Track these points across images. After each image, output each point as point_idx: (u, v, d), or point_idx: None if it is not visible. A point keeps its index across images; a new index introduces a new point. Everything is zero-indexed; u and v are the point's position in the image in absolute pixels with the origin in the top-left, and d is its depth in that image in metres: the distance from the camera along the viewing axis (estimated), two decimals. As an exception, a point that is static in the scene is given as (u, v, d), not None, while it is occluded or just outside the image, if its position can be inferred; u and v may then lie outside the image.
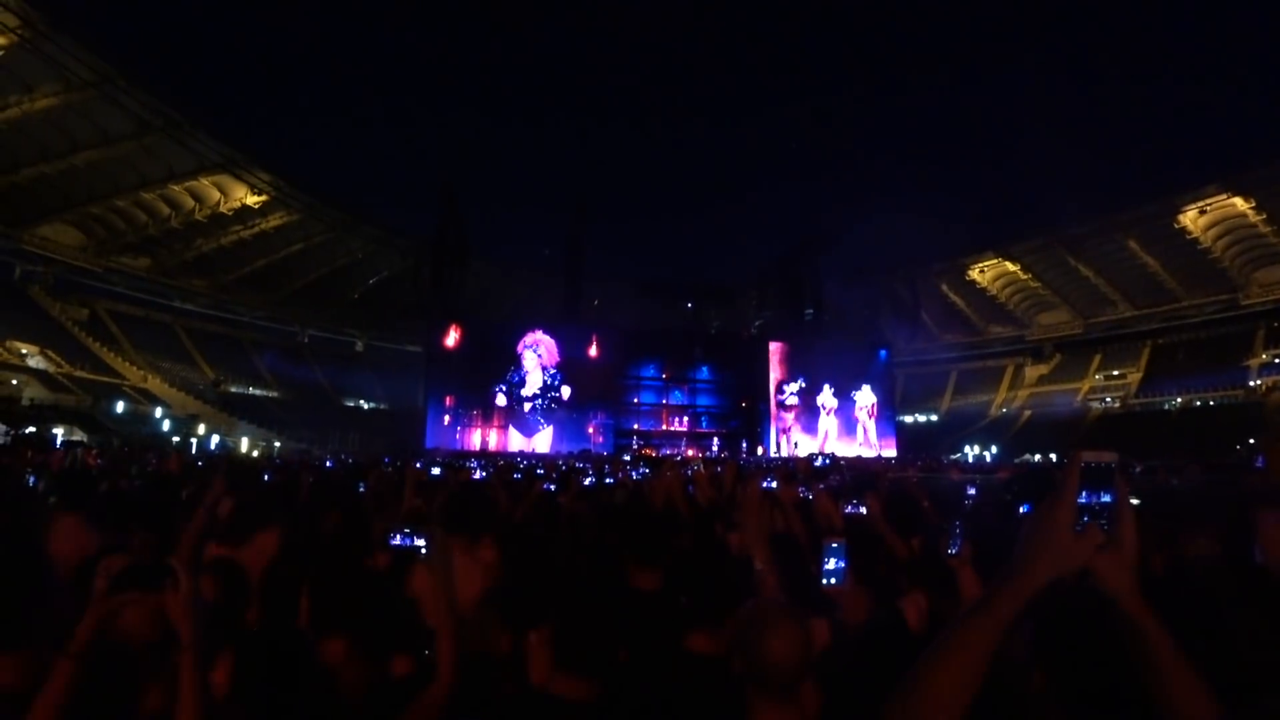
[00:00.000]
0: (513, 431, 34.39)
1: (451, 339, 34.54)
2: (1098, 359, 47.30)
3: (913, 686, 0.84)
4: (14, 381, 29.77)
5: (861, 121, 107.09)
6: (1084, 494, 0.87)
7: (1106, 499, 0.87)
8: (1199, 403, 38.78)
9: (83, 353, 35.15)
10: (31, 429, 24.04)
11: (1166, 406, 40.15)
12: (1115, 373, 45.64)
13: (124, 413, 31.78)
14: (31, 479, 6.41)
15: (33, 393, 29.43)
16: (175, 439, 29.51)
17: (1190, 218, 38.46)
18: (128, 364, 36.75)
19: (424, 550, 1.90)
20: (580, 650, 1.58)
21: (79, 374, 33.08)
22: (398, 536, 2.06)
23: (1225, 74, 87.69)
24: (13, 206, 34.04)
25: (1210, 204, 37.52)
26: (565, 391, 34.92)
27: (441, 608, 1.58)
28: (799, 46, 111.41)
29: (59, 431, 25.85)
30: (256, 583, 2.08)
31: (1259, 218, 36.90)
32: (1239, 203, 36.68)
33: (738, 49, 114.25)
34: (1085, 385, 46.47)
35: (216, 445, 30.73)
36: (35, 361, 32.39)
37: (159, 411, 33.22)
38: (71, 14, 28.82)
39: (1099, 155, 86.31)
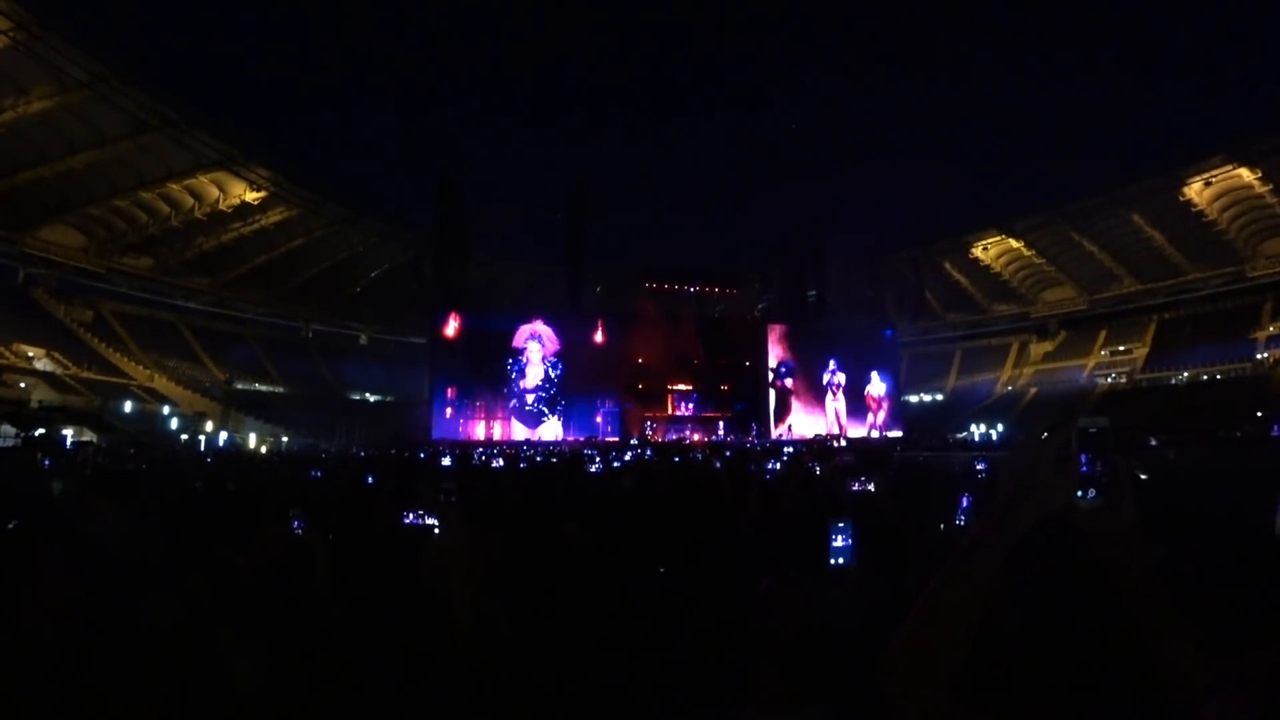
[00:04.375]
0: (516, 422, 34.50)
1: (451, 329, 34.56)
2: (1103, 335, 47.08)
3: (910, 629, 0.85)
4: (22, 384, 29.93)
5: (863, 101, 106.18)
6: (1083, 458, 0.89)
7: (1103, 466, 0.89)
8: (1206, 377, 38.59)
9: (89, 354, 35.31)
10: (41, 431, 24.19)
11: (1173, 381, 39.98)
12: (1121, 348, 45.45)
13: (132, 412, 31.95)
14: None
15: (41, 395, 29.59)
16: (184, 437, 29.69)
17: (1195, 190, 38.05)
18: (134, 364, 36.92)
19: (436, 530, 1.91)
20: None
21: (86, 375, 33.25)
22: (410, 515, 2.08)
23: (1229, 43, 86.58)
24: (13, 210, 34.06)
25: (1215, 175, 37.09)
26: (567, 379, 34.98)
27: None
28: (799, 27, 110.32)
29: (68, 433, 26.01)
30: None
31: (1265, 188, 36.50)
32: (1245, 173, 36.28)
33: (738, 32, 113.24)
34: (1091, 361, 46.30)
35: (224, 442, 30.90)
36: (42, 364, 32.56)
37: (166, 410, 33.41)
38: (64, 14, 28.68)
39: (1102, 128, 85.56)
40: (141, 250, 40.75)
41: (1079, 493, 0.89)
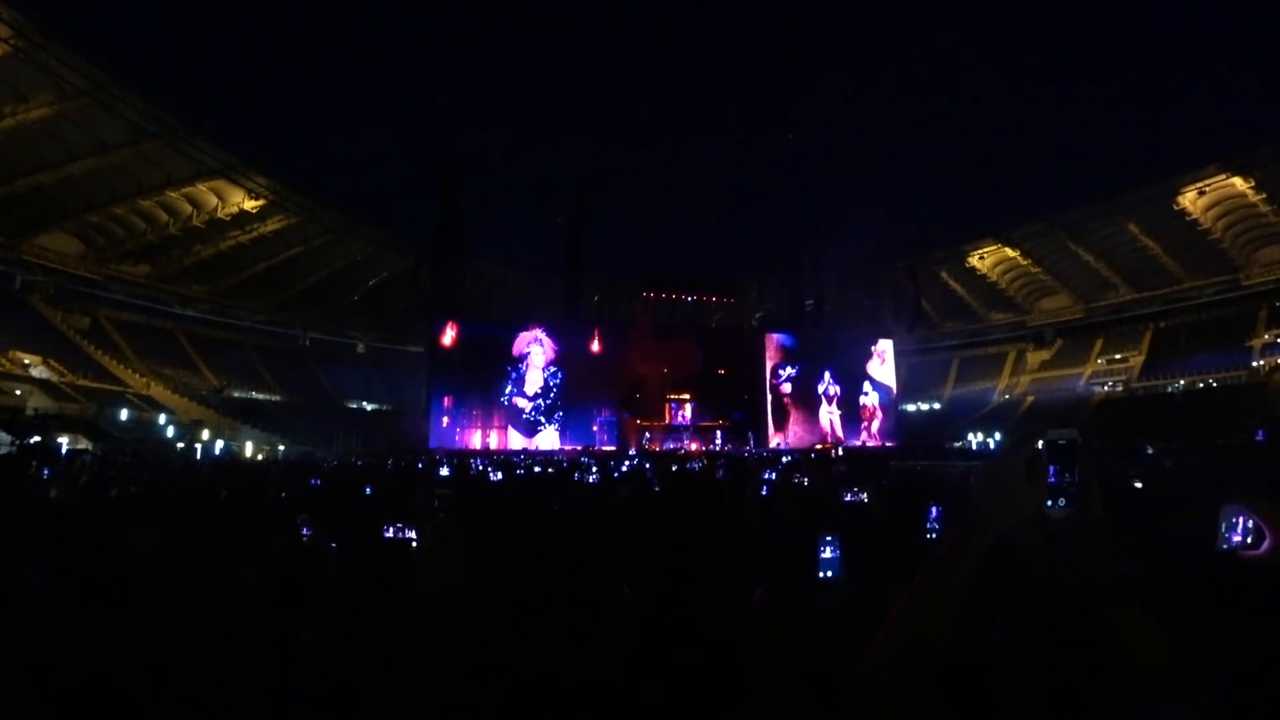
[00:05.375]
0: (513, 431, 34.44)
1: (448, 338, 34.55)
2: (1100, 343, 47.24)
3: (885, 636, 0.88)
4: (18, 391, 29.81)
5: (860, 111, 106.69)
6: (1051, 469, 0.93)
7: (1072, 475, 0.93)
8: (1202, 385, 38.69)
9: (85, 361, 35.21)
10: (37, 438, 24.06)
11: (1169, 389, 40.08)
12: (1117, 356, 45.59)
13: (128, 420, 31.83)
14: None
15: (37, 402, 29.46)
16: (180, 445, 29.58)
17: (1190, 199, 38.28)
18: (130, 371, 36.82)
19: (415, 543, 1.93)
20: None
21: (82, 382, 33.14)
22: (389, 529, 2.09)
23: (1223, 53, 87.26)
24: (11, 217, 34.03)
25: (1210, 184, 37.30)
26: (565, 388, 34.99)
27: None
28: (798, 38, 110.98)
29: (64, 440, 25.87)
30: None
31: (1259, 197, 36.72)
32: (1238, 182, 36.50)
33: (737, 42, 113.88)
34: (1088, 370, 46.42)
35: (221, 450, 30.78)
36: (38, 371, 32.45)
37: (163, 418, 33.29)
38: (64, 22, 28.80)
39: (1097, 138, 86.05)
40: (139, 258, 40.72)
41: (1049, 502, 0.92)
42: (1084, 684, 0.97)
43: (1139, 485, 6.03)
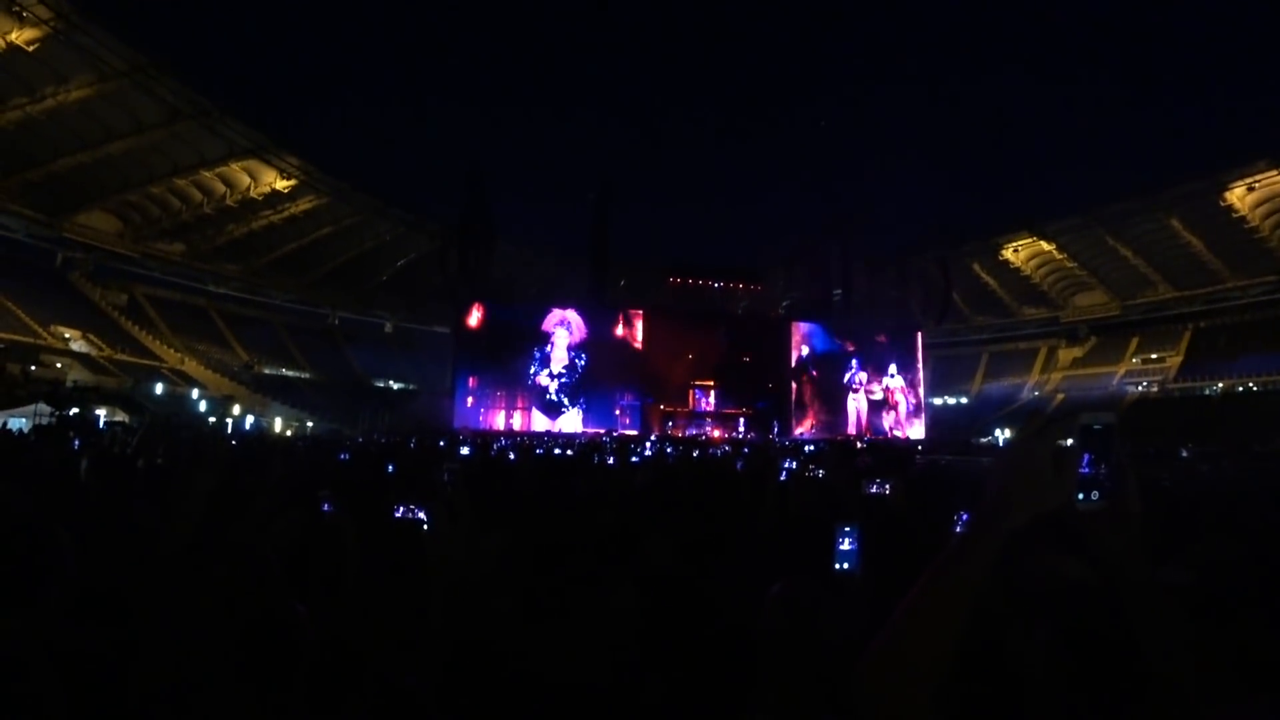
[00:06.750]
0: (536, 412, 34.67)
1: (474, 319, 34.82)
2: (1135, 342, 46.01)
3: (889, 637, 0.79)
4: (58, 365, 30.74)
5: (892, 99, 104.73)
6: (1085, 459, 0.83)
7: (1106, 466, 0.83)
8: (1242, 388, 37.52)
9: (123, 336, 36.18)
10: (75, 410, 24.82)
11: (1207, 392, 38.93)
12: (1154, 356, 44.37)
13: (162, 394, 32.65)
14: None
15: (76, 375, 30.38)
16: (212, 419, 30.29)
17: (1238, 195, 36.90)
18: (165, 347, 37.74)
19: (426, 525, 1.89)
20: None
21: (119, 357, 34.07)
22: (400, 509, 2.06)
23: (1274, 45, 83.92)
24: (53, 196, 34.94)
25: (1259, 181, 35.90)
26: (589, 371, 35.08)
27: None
28: (828, 25, 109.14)
29: (101, 413, 26.66)
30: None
31: (1311, 195, 35.32)
32: (1290, 178, 35.12)
33: (765, 28, 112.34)
34: (1122, 368, 45.28)
35: (251, 425, 31.46)
36: (78, 345, 33.43)
37: (195, 393, 34.10)
38: (102, 4, 29.29)
39: (1141, 131, 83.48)
40: (175, 236, 41.60)
41: (1080, 494, 0.82)
42: (1113, 698, 0.90)
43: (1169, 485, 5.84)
